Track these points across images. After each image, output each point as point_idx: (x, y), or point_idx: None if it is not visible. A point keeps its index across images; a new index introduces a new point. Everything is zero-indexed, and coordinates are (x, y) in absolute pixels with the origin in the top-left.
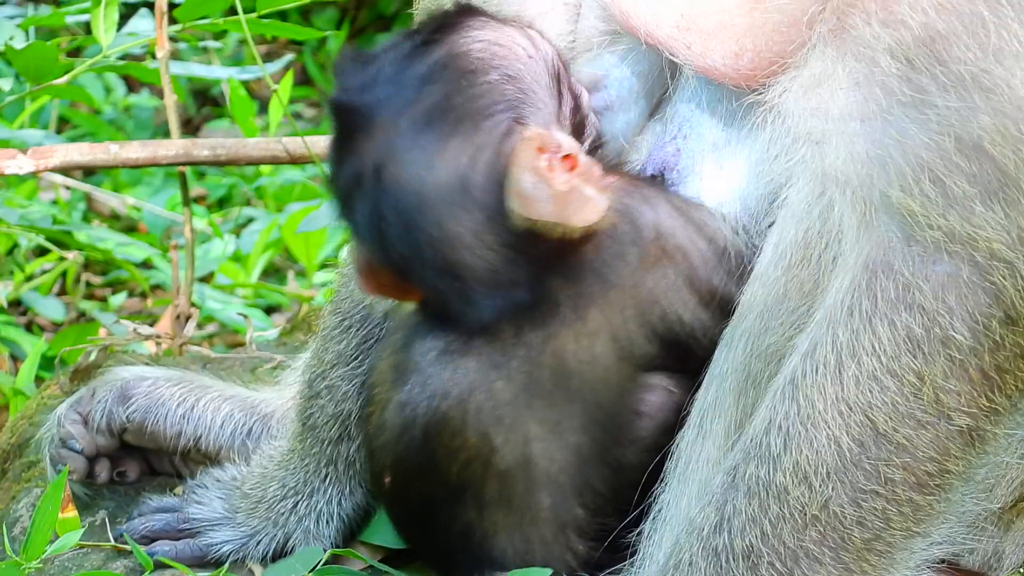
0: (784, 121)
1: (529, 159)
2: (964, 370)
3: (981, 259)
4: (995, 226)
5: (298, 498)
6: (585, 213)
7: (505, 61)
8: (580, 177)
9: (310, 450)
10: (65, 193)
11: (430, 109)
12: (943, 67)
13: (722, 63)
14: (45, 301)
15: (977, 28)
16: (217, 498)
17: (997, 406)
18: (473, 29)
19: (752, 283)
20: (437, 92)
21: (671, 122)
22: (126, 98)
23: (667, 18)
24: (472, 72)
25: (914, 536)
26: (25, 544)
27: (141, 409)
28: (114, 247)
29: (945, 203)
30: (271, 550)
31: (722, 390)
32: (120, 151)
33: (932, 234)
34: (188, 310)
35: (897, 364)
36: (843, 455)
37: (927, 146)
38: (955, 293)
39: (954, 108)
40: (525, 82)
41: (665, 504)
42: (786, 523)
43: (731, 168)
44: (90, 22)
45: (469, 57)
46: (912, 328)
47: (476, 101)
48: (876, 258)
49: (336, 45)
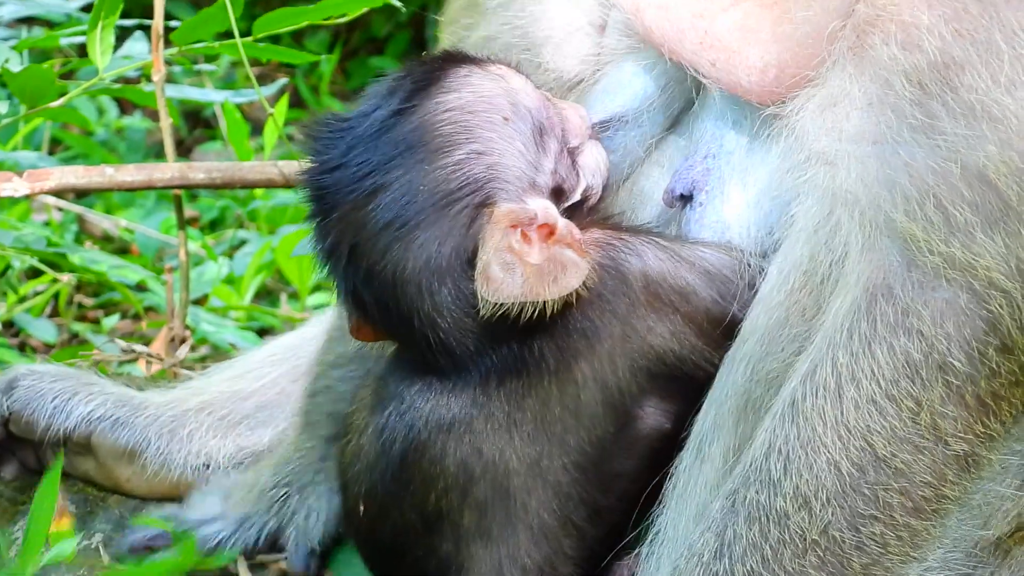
0: (798, 139)
1: (497, 242)
2: (961, 396)
3: (979, 287)
4: (995, 255)
5: (290, 490)
6: (566, 280)
7: (477, 132)
8: (559, 244)
9: (305, 444)
10: (58, 215)
11: (400, 193)
12: (954, 94)
13: (747, 79)
14: (37, 323)
15: (992, 58)
16: (214, 498)
17: (992, 432)
18: (446, 92)
19: (755, 307)
20: (408, 175)
21: (698, 139)
22: (119, 120)
23: (691, 35)
24: (439, 151)
25: (911, 561)
26: (21, 550)
27: (21, 400)
28: (108, 269)
29: (947, 230)
30: (263, 536)
31: (721, 414)
32: (116, 174)
33: (932, 260)
34: (183, 333)
35: (896, 389)
36: (843, 479)
37: (933, 171)
38: (953, 320)
39: (962, 136)
40: (495, 153)
41: (663, 527)
42: (787, 548)
43: (754, 188)
44: (84, 44)
45: (439, 132)
46: (911, 353)
47: (442, 185)
48: (877, 281)
49: (329, 68)
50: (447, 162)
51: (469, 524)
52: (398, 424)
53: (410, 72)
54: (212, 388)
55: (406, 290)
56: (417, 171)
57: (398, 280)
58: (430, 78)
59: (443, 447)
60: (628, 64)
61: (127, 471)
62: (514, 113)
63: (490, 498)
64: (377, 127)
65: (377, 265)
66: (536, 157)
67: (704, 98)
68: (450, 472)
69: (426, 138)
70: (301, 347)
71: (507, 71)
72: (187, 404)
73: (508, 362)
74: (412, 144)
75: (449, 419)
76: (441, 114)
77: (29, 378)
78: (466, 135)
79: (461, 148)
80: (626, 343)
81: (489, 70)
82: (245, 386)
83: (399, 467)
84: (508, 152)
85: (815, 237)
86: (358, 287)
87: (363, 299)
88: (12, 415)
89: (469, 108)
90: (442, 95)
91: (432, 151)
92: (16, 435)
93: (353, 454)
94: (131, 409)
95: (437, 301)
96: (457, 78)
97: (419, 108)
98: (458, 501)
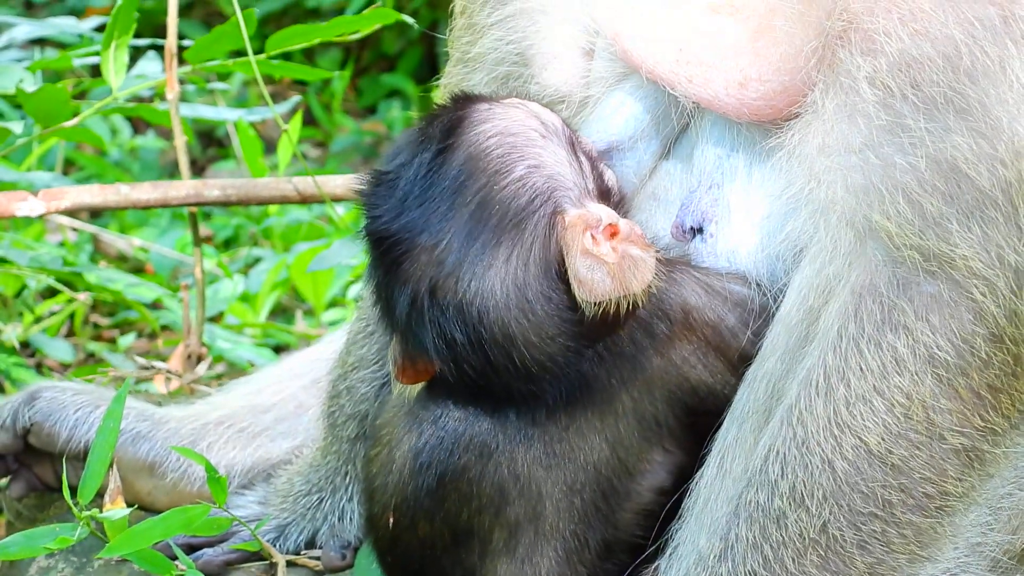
0: (792, 159)
1: (579, 244)
2: (954, 389)
3: (960, 278)
4: (973, 245)
5: (322, 494)
6: (641, 275)
7: (526, 150)
8: (625, 242)
9: (331, 448)
10: (72, 235)
11: (469, 221)
12: (917, 90)
13: (725, 93)
14: (54, 343)
15: (950, 51)
16: (254, 501)
17: (994, 426)
18: (481, 123)
19: (775, 326)
20: (472, 203)
21: (700, 167)
22: (132, 140)
23: (667, 53)
24: (498, 173)
25: (919, 560)
26: (80, 486)
27: (43, 412)
28: (123, 288)
29: (922, 224)
30: (301, 542)
31: (743, 431)
32: (131, 192)
33: (910, 254)
34: (199, 350)
35: (885, 384)
36: (838, 477)
37: (903, 168)
38: (938, 312)
39: (927, 129)
40: (549, 166)
41: (682, 541)
42: (787, 548)
43: (759, 213)
44: (96, 65)
45: (491, 157)
46: (897, 348)
47: (512, 202)
48: (863, 282)
49: (341, 86)
50: (510, 180)
51: (498, 541)
52: (437, 448)
53: (434, 118)
54: (231, 402)
55: (499, 315)
56: (482, 196)
57: (489, 306)
58: (457, 117)
59: (482, 471)
60: (618, 92)
61: (148, 485)
62: (547, 131)
63: (522, 519)
64: (426, 169)
65: (465, 297)
66: (578, 166)
67: (699, 123)
68: (486, 494)
69: (481, 164)
70: (319, 362)
71: (519, 101)
72: (207, 418)
73: (570, 388)
74: (469, 173)
75: (492, 447)
76: (486, 141)
77: (51, 391)
78: (518, 153)
79: (519, 165)
80: (664, 374)
81: (504, 102)
82: (264, 400)
83: (435, 486)
84: (557, 163)
85: (818, 253)
86: (445, 328)
87: (451, 339)
88: (33, 426)
89: (509, 131)
90: (478, 126)
91: (491, 174)
92: (36, 448)
93: (382, 465)
94: (151, 423)
95: (531, 318)
96: (482, 112)
97: (462, 142)
98: (490, 521)
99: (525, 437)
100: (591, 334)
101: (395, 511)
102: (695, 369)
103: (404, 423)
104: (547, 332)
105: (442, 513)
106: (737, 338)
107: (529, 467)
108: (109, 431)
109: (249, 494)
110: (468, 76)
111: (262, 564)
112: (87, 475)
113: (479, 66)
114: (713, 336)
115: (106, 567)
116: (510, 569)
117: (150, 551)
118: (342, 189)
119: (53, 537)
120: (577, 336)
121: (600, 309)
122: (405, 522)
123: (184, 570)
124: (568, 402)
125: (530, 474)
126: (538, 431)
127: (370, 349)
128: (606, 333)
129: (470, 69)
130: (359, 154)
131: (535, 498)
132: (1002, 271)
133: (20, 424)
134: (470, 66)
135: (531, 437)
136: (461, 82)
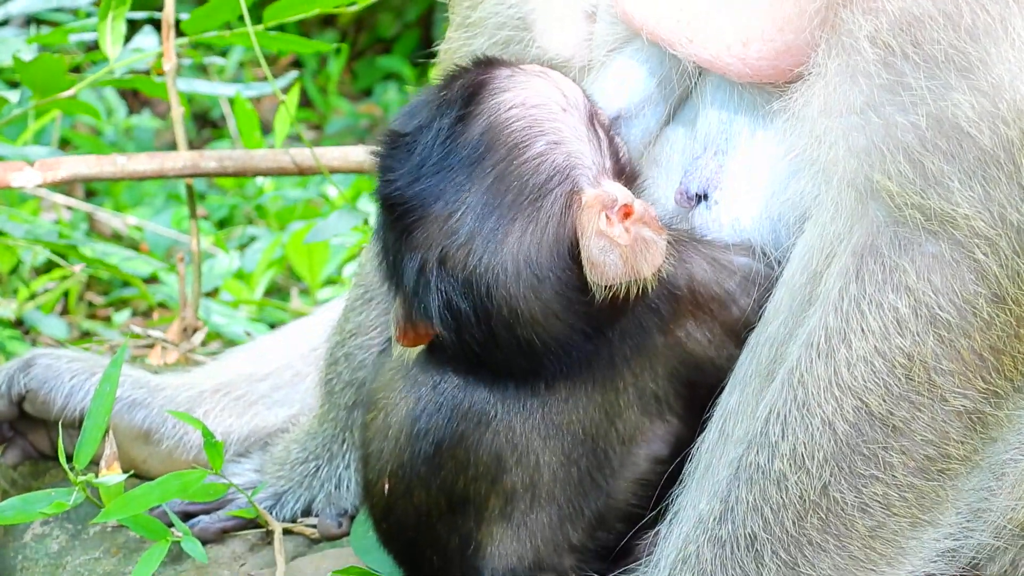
0: (796, 122)
1: (594, 226)
2: (956, 350)
3: (962, 238)
4: (975, 204)
5: (319, 462)
6: (652, 258)
7: (547, 124)
8: (638, 223)
9: (328, 415)
10: (67, 214)
11: (485, 194)
12: (918, 49)
13: (727, 52)
14: (48, 320)
15: (951, 9)
16: (250, 469)
17: (996, 388)
18: (502, 91)
19: (779, 289)
20: (489, 175)
21: (704, 132)
22: (127, 119)
23: (668, 13)
24: (518, 146)
25: (921, 524)
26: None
27: (38, 379)
28: (119, 262)
29: (923, 183)
30: (298, 510)
31: (745, 395)
32: (127, 163)
33: (912, 214)
34: (195, 322)
35: (887, 345)
36: (838, 439)
37: (904, 127)
38: (939, 273)
39: (928, 88)
40: (570, 142)
41: (682, 506)
42: (787, 510)
43: (763, 178)
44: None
45: (511, 129)
46: (899, 309)
47: (530, 178)
48: (865, 242)
49: (337, 68)
50: (529, 155)
51: (493, 508)
52: (435, 415)
53: (454, 80)
54: (228, 370)
55: (507, 291)
56: (501, 169)
57: (498, 281)
58: (479, 82)
59: (479, 439)
60: (621, 57)
61: (143, 452)
62: (568, 103)
63: (518, 487)
64: (445, 136)
65: (475, 270)
66: (596, 143)
67: (702, 86)
68: (483, 461)
69: (501, 136)
70: (316, 330)
71: (541, 69)
72: (203, 386)
73: (570, 364)
74: (489, 144)
75: (490, 415)
76: (507, 112)
77: (46, 358)
78: (538, 128)
79: (539, 140)
80: (668, 351)
81: (526, 70)
82: (260, 368)
83: (432, 453)
84: (577, 139)
85: (821, 215)
86: (452, 298)
87: (457, 309)
88: (29, 393)
89: (531, 103)
90: (499, 95)
91: (511, 147)
92: (31, 415)
93: (378, 431)
94: (148, 391)
95: (540, 296)
96: (503, 79)
97: (482, 111)
98: (486, 488)
99: (523, 407)
100: (598, 315)
101: (391, 478)
102: (700, 345)
103: (401, 387)
104: (554, 311)
105: (438, 481)
106: (743, 310)
107: (527, 436)
108: (105, 396)
109: (245, 462)
110: (469, 41)
111: (258, 532)
112: (83, 440)
113: (480, 31)
114: (719, 310)
115: (102, 534)
116: (506, 536)
117: (146, 517)
118: (339, 161)
119: (48, 502)
120: (583, 317)
121: (611, 292)
122: (401, 489)
123: (180, 536)
124: (568, 376)
125: (527, 443)
126: (537, 401)
127: (368, 316)
128: (613, 315)
129: (471, 34)
130: (355, 136)
131: (532, 467)
132: (1004, 231)
133: (15, 391)
134: (471, 31)
135: (530, 407)
136: (461, 47)
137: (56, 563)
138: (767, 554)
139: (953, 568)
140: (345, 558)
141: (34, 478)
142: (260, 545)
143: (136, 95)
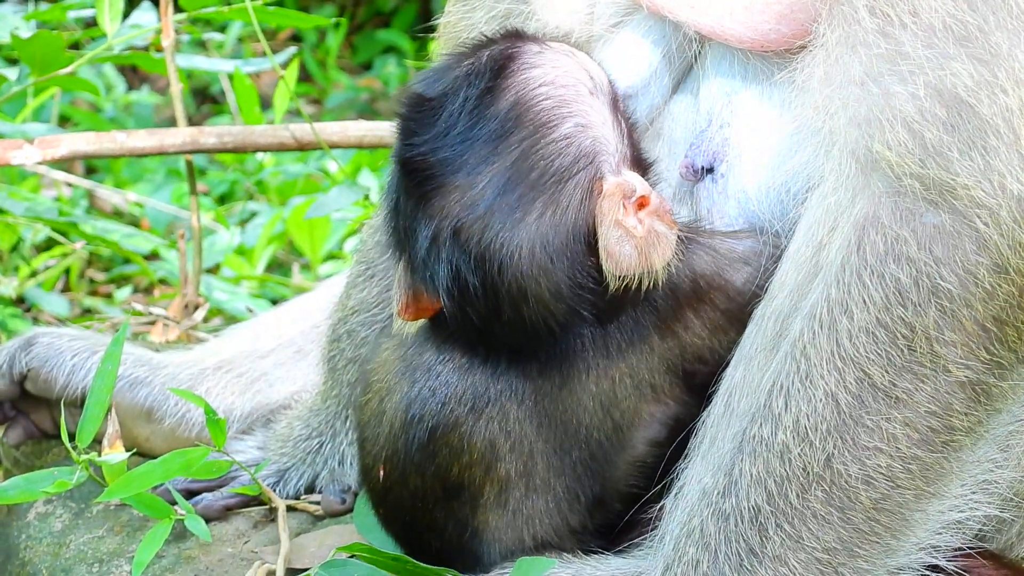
0: (800, 93)
1: (613, 215)
2: (958, 321)
3: (962, 208)
4: (974, 174)
5: (322, 439)
6: (662, 252)
7: (575, 106)
8: (652, 215)
9: (331, 392)
10: (67, 191)
11: (508, 170)
12: (916, 17)
13: (729, 16)
14: (49, 297)
15: None
16: (253, 446)
17: (1000, 359)
18: (531, 67)
19: (784, 262)
20: (514, 151)
21: (708, 105)
22: (126, 95)
23: None
24: (545, 125)
25: (926, 497)
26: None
27: (40, 357)
28: (120, 239)
29: (923, 153)
30: (301, 487)
31: (750, 369)
32: (127, 140)
33: (912, 184)
34: (197, 299)
35: (888, 316)
36: (841, 411)
37: (903, 97)
38: (941, 243)
39: (927, 57)
40: (596, 127)
41: (687, 480)
42: (791, 483)
43: (769, 150)
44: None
45: (540, 107)
46: (900, 279)
47: (555, 160)
48: (867, 214)
49: (336, 42)
50: (557, 135)
51: (488, 495)
52: (429, 399)
53: (480, 51)
54: (230, 348)
55: (519, 271)
56: (526, 147)
57: (512, 260)
58: (508, 55)
59: (473, 425)
60: (626, 31)
61: (146, 430)
62: (595, 87)
63: (512, 475)
64: (472, 106)
65: (490, 247)
66: (619, 129)
67: (705, 57)
68: (477, 448)
69: (529, 113)
70: (318, 307)
71: (570, 48)
72: (205, 363)
73: (566, 349)
74: (516, 120)
75: (484, 401)
76: (536, 89)
77: (47, 337)
78: (567, 108)
79: (567, 121)
80: (666, 344)
81: (555, 48)
82: (263, 345)
83: (427, 439)
84: (603, 124)
85: (824, 187)
86: (461, 271)
87: (465, 283)
88: (30, 372)
89: (560, 83)
90: (528, 71)
91: (538, 125)
92: (33, 394)
93: (373, 414)
94: (149, 368)
95: (551, 278)
96: (533, 55)
97: (510, 84)
98: (481, 476)
99: (517, 393)
100: (604, 304)
101: (386, 464)
102: (699, 337)
103: (396, 369)
104: (562, 296)
105: (433, 467)
106: (745, 296)
107: (521, 424)
108: (107, 374)
109: (248, 439)
110: (468, 14)
111: (262, 509)
112: (85, 419)
113: (478, 3)
114: (722, 299)
115: (105, 512)
116: (501, 522)
117: (149, 495)
118: (339, 136)
119: (52, 481)
120: (589, 303)
121: (623, 283)
122: (396, 475)
123: (183, 514)
124: (562, 361)
125: (521, 431)
126: (530, 387)
127: (370, 292)
128: (619, 306)
129: (470, 7)
130: (354, 110)
131: (526, 454)
132: (1004, 200)
133: (17, 370)
134: (470, 3)
135: (523, 394)
136: (460, 20)
137: (60, 542)
138: (771, 527)
139: (958, 540)
140: (349, 535)
141: (37, 457)
142: (264, 522)
143: (135, 71)
